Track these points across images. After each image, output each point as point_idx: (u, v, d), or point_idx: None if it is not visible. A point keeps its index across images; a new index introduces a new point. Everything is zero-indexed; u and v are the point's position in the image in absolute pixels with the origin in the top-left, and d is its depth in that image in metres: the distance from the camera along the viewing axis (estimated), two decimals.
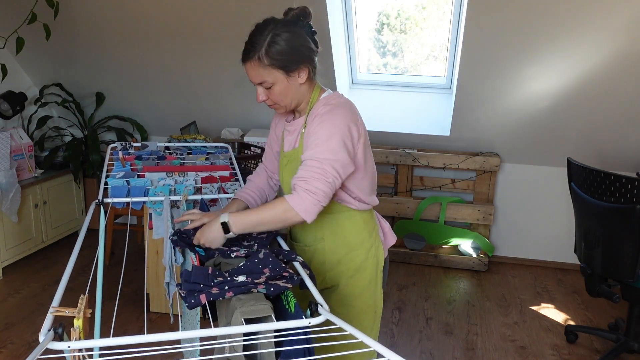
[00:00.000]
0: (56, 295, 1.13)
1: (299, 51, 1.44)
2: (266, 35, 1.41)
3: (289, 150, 1.59)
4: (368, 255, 1.61)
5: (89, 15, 3.45)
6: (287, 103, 1.51)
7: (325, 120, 1.43)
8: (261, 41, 1.41)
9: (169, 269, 1.54)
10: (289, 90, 1.47)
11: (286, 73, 1.44)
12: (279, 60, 1.42)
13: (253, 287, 1.21)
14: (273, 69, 1.43)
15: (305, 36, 1.47)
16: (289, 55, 1.42)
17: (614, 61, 2.91)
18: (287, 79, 1.45)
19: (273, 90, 1.47)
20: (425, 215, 3.79)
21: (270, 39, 1.41)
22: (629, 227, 2.28)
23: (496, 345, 2.83)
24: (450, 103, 3.63)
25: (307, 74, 1.48)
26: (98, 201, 1.79)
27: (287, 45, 1.41)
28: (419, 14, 3.77)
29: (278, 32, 1.42)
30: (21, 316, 2.97)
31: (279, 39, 1.41)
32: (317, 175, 1.38)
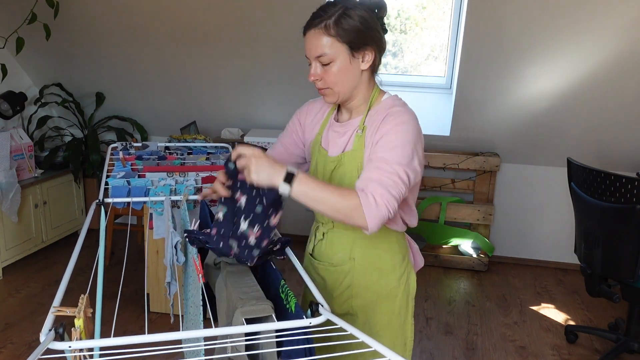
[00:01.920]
0: (57, 295, 1.13)
1: (369, 31, 1.29)
2: (339, 7, 1.28)
3: (337, 154, 1.39)
4: (400, 282, 1.47)
5: (89, 15, 3.45)
6: (341, 89, 1.33)
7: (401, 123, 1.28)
8: (333, 11, 1.27)
9: (169, 268, 1.54)
10: (348, 72, 1.31)
11: (351, 50, 1.29)
12: (348, 33, 1.27)
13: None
14: (338, 41, 1.27)
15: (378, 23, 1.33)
16: (359, 32, 1.28)
17: (614, 61, 2.91)
18: (349, 57, 1.29)
19: (330, 69, 1.30)
20: (425, 215, 3.79)
21: (342, 11, 1.27)
22: (629, 227, 2.28)
23: (496, 345, 2.83)
24: (450, 103, 3.63)
25: (372, 60, 1.33)
26: (98, 201, 1.79)
27: (360, 22, 1.28)
28: (419, 14, 3.77)
29: (352, 7, 1.28)
30: (21, 316, 2.97)
31: (352, 13, 1.27)
32: (391, 182, 1.22)
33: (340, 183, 1.37)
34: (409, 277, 1.50)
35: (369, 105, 1.38)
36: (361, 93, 1.38)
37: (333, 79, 1.31)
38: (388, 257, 1.45)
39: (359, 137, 1.35)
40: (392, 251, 1.45)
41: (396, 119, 1.30)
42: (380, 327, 1.47)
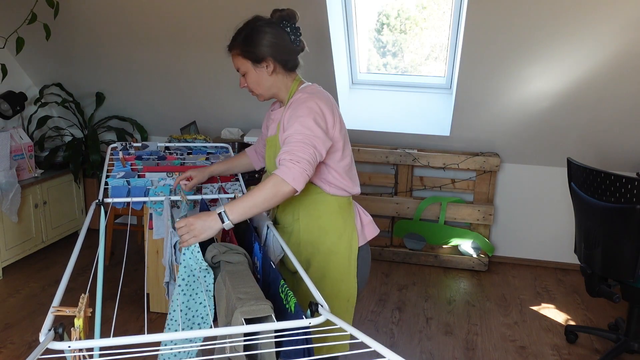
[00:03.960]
0: (57, 295, 1.13)
1: (268, 47, 1.61)
2: (246, 30, 1.62)
3: (271, 136, 1.72)
4: (340, 240, 1.69)
5: (89, 15, 3.45)
6: (261, 91, 1.68)
7: (300, 105, 1.57)
8: (240, 34, 1.63)
9: (168, 268, 1.54)
10: (259, 79, 1.65)
11: (253, 63, 1.63)
12: (248, 52, 1.61)
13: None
14: (243, 58, 1.63)
15: (284, 36, 1.63)
16: (257, 48, 1.60)
17: (614, 61, 2.91)
18: (255, 68, 1.64)
19: (247, 78, 1.67)
20: (425, 215, 3.79)
21: (246, 33, 1.61)
22: (629, 227, 2.28)
23: (496, 345, 2.83)
24: (450, 103, 3.63)
25: (272, 67, 1.63)
26: (98, 201, 1.80)
27: (258, 40, 1.60)
28: (419, 14, 3.77)
29: (257, 27, 1.61)
30: (21, 316, 2.97)
31: (253, 35, 1.60)
32: (297, 147, 1.48)
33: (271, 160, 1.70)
34: (351, 238, 1.71)
35: (288, 95, 1.69)
36: (281, 89, 1.69)
37: (251, 85, 1.68)
38: (326, 217, 1.69)
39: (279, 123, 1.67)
40: (331, 212, 1.69)
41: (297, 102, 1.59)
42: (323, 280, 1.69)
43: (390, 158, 3.77)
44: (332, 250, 1.69)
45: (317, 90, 1.65)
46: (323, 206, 1.68)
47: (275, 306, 1.22)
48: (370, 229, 1.79)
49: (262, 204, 1.46)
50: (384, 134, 3.78)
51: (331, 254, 1.69)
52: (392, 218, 3.90)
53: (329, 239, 1.69)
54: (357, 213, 1.77)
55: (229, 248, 1.48)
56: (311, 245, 1.70)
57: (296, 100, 1.60)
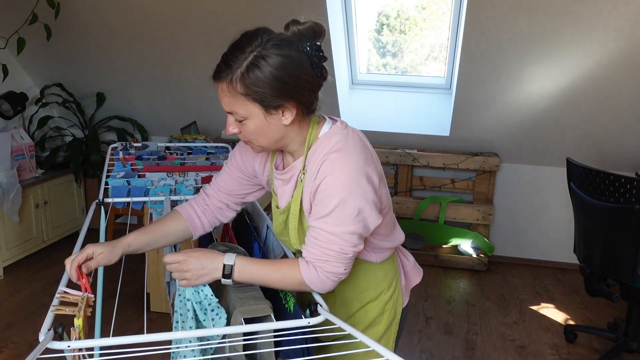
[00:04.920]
0: (56, 294, 1.14)
1: (287, 84, 1.08)
2: (249, 53, 1.08)
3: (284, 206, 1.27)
4: (384, 309, 1.36)
5: (89, 16, 3.46)
6: (264, 144, 1.18)
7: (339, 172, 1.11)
8: (240, 59, 1.08)
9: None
10: (267, 129, 1.14)
11: (265, 109, 1.11)
12: (257, 92, 1.08)
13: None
14: (247, 100, 1.10)
15: (304, 63, 1.10)
16: (271, 88, 1.08)
17: (614, 61, 2.91)
18: (265, 116, 1.11)
19: (246, 125, 1.14)
20: (425, 215, 3.80)
21: (252, 60, 1.08)
22: (628, 227, 2.28)
23: (496, 344, 2.83)
24: (450, 103, 3.63)
25: (294, 115, 1.13)
26: (99, 201, 1.80)
27: (273, 74, 1.07)
28: (419, 14, 3.77)
29: (266, 52, 1.07)
30: (22, 316, 2.98)
31: (263, 63, 1.07)
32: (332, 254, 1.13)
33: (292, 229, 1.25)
34: (396, 304, 1.38)
35: (307, 146, 1.20)
36: (294, 139, 1.20)
37: (251, 136, 1.16)
38: (371, 289, 1.34)
39: (300, 182, 1.21)
40: (376, 281, 1.34)
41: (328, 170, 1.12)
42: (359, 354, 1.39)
43: (390, 158, 3.77)
44: (373, 322, 1.36)
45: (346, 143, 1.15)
46: (365, 276, 1.33)
47: (275, 306, 1.22)
48: (415, 274, 1.47)
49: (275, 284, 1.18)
50: (384, 134, 3.78)
51: (371, 327, 1.36)
52: None
53: (370, 312, 1.35)
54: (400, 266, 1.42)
55: (229, 248, 1.48)
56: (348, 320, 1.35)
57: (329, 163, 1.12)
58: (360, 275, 1.32)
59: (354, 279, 1.31)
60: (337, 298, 1.35)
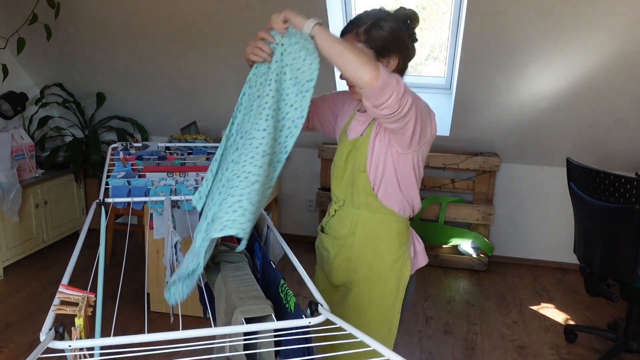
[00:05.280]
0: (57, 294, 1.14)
1: (396, 42, 1.45)
2: (372, 18, 1.45)
3: (354, 138, 1.55)
4: (393, 266, 1.55)
5: (89, 16, 3.46)
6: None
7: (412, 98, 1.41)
8: (366, 20, 1.45)
9: (169, 268, 1.55)
10: None
11: (377, 55, 1.45)
12: (375, 41, 1.44)
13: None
14: (366, 47, 1.44)
15: (406, 36, 1.48)
16: (385, 40, 1.44)
17: (614, 61, 2.91)
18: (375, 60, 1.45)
19: None
20: (425, 215, 3.80)
21: (374, 21, 1.44)
22: (628, 227, 2.29)
23: (496, 344, 2.83)
24: (450, 103, 3.64)
25: (396, 65, 1.48)
26: (99, 201, 1.80)
27: (388, 32, 1.44)
28: (419, 14, 3.77)
29: (384, 18, 1.45)
30: (22, 316, 2.98)
31: (382, 23, 1.44)
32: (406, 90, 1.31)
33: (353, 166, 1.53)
34: (403, 266, 1.57)
35: None
36: None
37: None
38: (385, 239, 1.54)
39: (373, 123, 1.50)
40: (390, 235, 1.55)
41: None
42: (369, 305, 1.56)
43: None
44: (382, 275, 1.55)
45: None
46: (383, 227, 1.55)
47: (275, 306, 1.22)
48: (421, 257, 1.66)
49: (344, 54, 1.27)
50: None
51: (381, 280, 1.56)
52: None
53: (381, 263, 1.55)
54: (412, 239, 1.64)
55: (229, 247, 1.48)
56: (362, 264, 1.56)
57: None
58: (378, 225, 1.54)
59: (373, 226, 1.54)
60: (355, 240, 1.56)
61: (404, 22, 1.48)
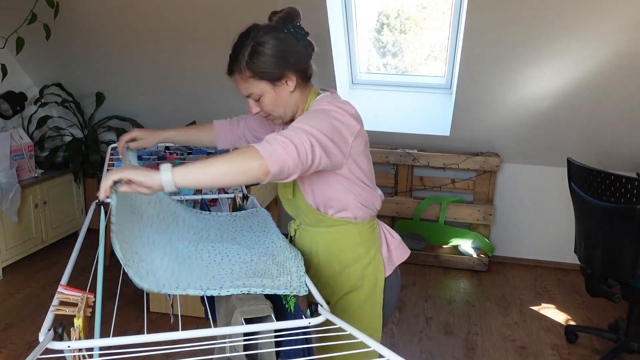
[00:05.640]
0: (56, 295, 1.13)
1: (283, 58, 1.35)
2: (247, 46, 1.35)
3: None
4: (364, 274, 1.49)
5: (89, 15, 3.45)
6: (280, 113, 1.42)
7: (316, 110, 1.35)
8: (243, 52, 1.35)
9: None
10: (279, 100, 1.39)
11: (272, 83, 1.36)
12: (262, 72, 1.34)
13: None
14: (257, 80, 1.36)
15: (293, 40, 1.37)
16: (271, 65, 1.34)
17: (614, 61, 2.91)
18: (274, 89, 1.37)
19: (263, 102, 1.39)
20: (425, 215, 3.79)
21: (251, 50, 1.34)
22: (629, 227, 2.28)
23: (496, 345, 2.83)
24: (450, 103, 3.63)
25: (295, 81, 1.39)
26: (98, 201, 1.80)
27: (269, 54, 1.33)
28: (419, 14, 3.77)
29: (259, 40, 1.34)
30: (21, 316, 2.97)
31: (260, 49, 1.33)
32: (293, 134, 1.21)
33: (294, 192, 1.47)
34: (377, 269, 1.50)
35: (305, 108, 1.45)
36: (300, 105, 1.45)
37: (269, 108, 1.41)
38: (349, 249, 1.48)
39: None
40: (354, 243, 1.48)
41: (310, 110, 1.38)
42: (347, 316, 1.50)
43: (390, 158, 3.77)
44: (355, 286, 1.50)
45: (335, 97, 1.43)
46: (343, 238, 1.48)
47: (275, 306, 1.22)
48: (399, 252, 1.58)
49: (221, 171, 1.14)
50: (384, 134, 3.78)
51: (354, 290, 1.50)
52: (392, 218, 3.90)
53: (351, 274, 1.49)
54: (382, 237, 1.55)
55: None
56: (332, 280, 1.51)
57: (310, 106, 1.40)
58: (338, 236, 1.48)
59: (333, 240, 1.48)
60: (320, 258, 1.51)
61: (284, 26, 1.37)
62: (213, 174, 1.14)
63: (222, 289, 1.13)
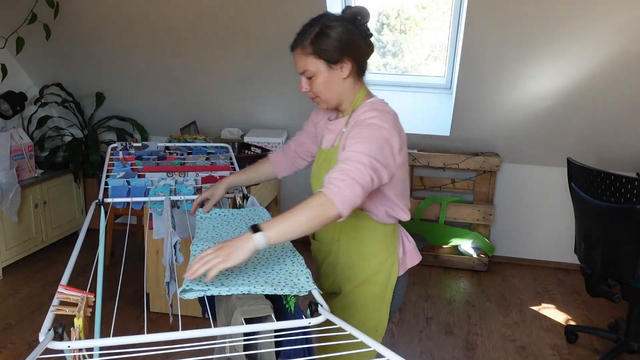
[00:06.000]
0: (56, 295, 1.13)
1: (345, 45, 1.42)
2: (317, 26, 1.43)
3: (327, 148, 1.56)
4: (380, 269, 1.56)
5: (89, 15, 3.45)
6: (328, 97, 1.49)
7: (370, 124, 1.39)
8: (310, 31, 1.43)
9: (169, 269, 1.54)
10: (330, 82, 1.46)
11: (328, 64, 1.43)
12: (323, 50, 1.41)
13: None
14: (315, 58, 1.43)
15: (357, 34, 1.45)
16: (333, 47, 1.41)
17: (614, 61, 2.91)
18: (328, 70, 1.44)
19: (315, 81, 1.46)
20: (425, 215, 3.79)
21: (319, 30, 1.42)
22: (629, 227, 2.28)
23: (496, 345, 2.83)
24: (450, 103, 3.63)
25: (350, 69, 1.45)
26: (98, 201, 1.80)
27: (335, 38, 1.41)
28: (419, 14, 3.77)
29: (328, 24, 1.42)
30: (21, 316, 2.97)
31: (327, 31, 1.41)
32: (354, 167, 1.30)
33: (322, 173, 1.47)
34: (392, 268, 1.57)
35: (353, 106, 1.51)
36: (348, 96, 1.51)
37: (318, 89, 1.47)
38: (370, 243, 1.55)
39: (342, 134, 1.50)
40: (375, 239, 1.55)
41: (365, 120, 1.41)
42: (356, 308, 1.57)
43: None
44: (369, 279, 1.56)
45: (385, 108, 1.48)
46: (367, 232, 1.54)
47: (275, 306, 1.22)
48: (413, 256, 1.65)
49: (305, 225, 1.24)
50: None
51: (367, 283, 1.56)
52: None
53: (368, 267, 1.55)
54: (400, 239, 1.63)
55: None
56: (348, 270, 1.57)
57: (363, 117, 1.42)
58: (362, 230, 1.54)
59: (357, 231, 1.54)
60: (340, 247, 1.57)
61: (353, 21, 1.45)
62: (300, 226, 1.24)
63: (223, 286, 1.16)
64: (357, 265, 1.56)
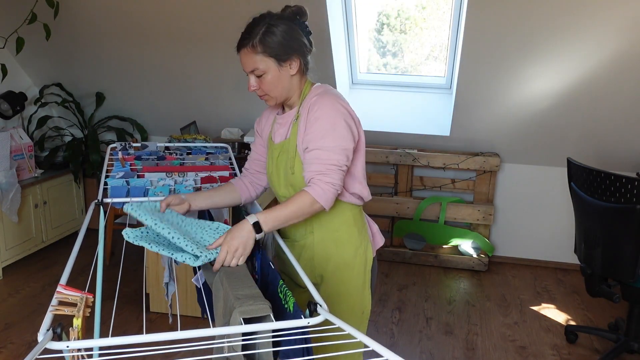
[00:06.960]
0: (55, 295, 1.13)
1: (292, 43, 1.49)
2: (262, 26, 1.47)
3: (280, 142, 1.61)
4: (357, 253, 1.61)
5: (89, 15, 3.45)
6: (277, 94, 1.54)
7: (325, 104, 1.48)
8: (257, 30, 1.47)
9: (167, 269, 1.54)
10: (279, 80, 1.51)
11: (278, 62, 1.48)
12: (272, 49, 1.46)
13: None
14: (265, 56, 1.47)
15: (300, 32, 1.52)
16: (281, 45, 1.47)
17: (614, 61, 2.91)
18: (278, 68, 1.49)
19: (264, 79, 1.50)
20: (425, 215, 3.79)
21: (265, 29, 1.47)
22: (629, 227, 2.28)
23: (496, 345, 2.83)
24: (450, 103, 3.63)
25: (298, 66, 1.52)
26: (98, 201, 1.80)
27: (281, 36, 1.47)
28: (419, 14, 3.77)
29: (273, 23, 1.47)
30: (21, 316, 2.97)
31: (274, 29, 1.47)
32: (332, 167, 1.43)
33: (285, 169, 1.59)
34: (366, 250, 1.64)
35: (301, 98, 1.58)
36: (295, 91, 1.58)
37: (268, 87, 1.52)
38: (343, 229, 1.60)
39: (294, 125, 1.57)
40: (347, 224, 1.61)
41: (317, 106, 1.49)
42: (340, 295, 1.61)
43: (390, 158, 3.77)
44: (348, 265, 1.61)
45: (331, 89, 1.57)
46: (338, 218, 1.59)
47: (274, 306, 1.21)
48: (378, 238, 1.73)
49: (294, 218, 1.43)
50: (384, 134, 3.77)
51: (347, 268, 1.61)
52: (392, 218, 3.90)
53: (345, 253, 1.60)
54: (367, 223, 1.70)
55: None
56: (326, 259, 1.61)
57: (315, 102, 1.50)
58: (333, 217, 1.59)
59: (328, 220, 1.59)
60: (315, 238, 1.60)
61: (294, 19, 1.52)
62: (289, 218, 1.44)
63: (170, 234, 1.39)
64: (335, 253, 1.61)
